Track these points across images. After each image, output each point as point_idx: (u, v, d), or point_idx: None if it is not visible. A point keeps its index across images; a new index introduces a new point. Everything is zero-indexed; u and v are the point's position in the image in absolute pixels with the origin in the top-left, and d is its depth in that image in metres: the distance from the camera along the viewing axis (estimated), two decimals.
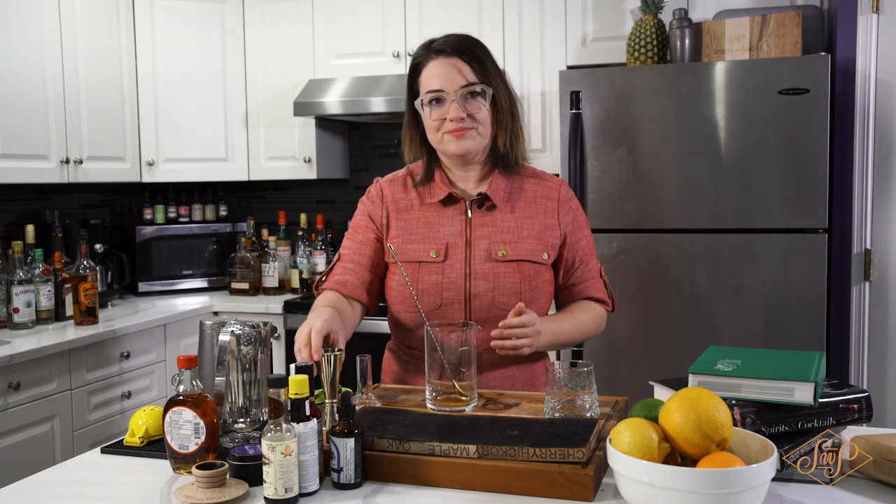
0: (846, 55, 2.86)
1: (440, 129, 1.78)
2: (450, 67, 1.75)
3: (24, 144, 3.11)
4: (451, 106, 1.74)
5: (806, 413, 1.40)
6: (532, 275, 1.79)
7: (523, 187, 1.85)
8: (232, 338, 1.52)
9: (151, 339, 3.32)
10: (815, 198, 2.77)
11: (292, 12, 3.81)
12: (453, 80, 1.75)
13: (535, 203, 1.84)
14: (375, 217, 1.89)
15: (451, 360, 1.63)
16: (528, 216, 1.83)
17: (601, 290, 1.90)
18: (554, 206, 1.85)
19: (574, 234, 1.86)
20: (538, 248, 1.80)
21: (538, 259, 1.80)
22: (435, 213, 1.84)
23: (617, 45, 3.27)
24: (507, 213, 1.82)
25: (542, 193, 1.85)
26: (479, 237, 1.80)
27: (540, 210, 1.83)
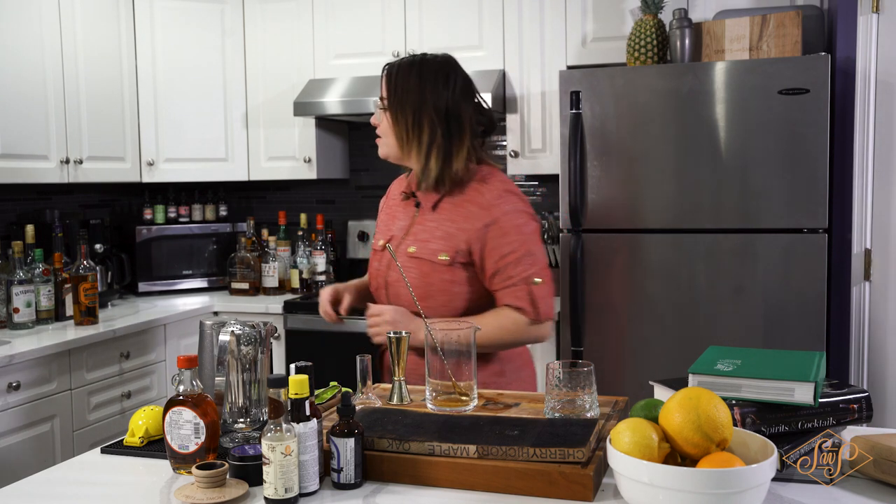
0: (846, 55, 2.86)
1: None
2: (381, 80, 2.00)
3: (24, 144, 3.11)
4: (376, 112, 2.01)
5: (806, 413, 1.40)
6: (428, 272, 1.92)
7: (462, 191, 1.95)
8: (232, 338, 1.52)
9: (151, 339, 3.32)
10: (815, 198, 2.77)
11: (292, 12, 3.81)
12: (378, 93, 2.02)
13: (460, 207, 1.94)
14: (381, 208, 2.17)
15: (450, 360, 1.64)
16: (447, 219, 1.94)
17: (520, 299, 1.89)
18: (476, 210, 1.92)
19: (493, 241, 1.90)
20: (440, 249, 1.92)
21: (435, 259, 1.92)
22: (398, 207, 2.06)
23: (617, 45, 3.27)
24: (428, 213, 1.97)
25: (470, 199, 1.94)
26: (413, 233, 1.98)
27: (460, 215, 1.93)
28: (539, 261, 1.93)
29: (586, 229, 3.00)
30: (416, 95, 1.93)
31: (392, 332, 1.74)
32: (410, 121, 1.93)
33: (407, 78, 1.95)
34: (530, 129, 3.51)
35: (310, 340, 3.47)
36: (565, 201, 3.00)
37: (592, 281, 3.00)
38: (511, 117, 3.53)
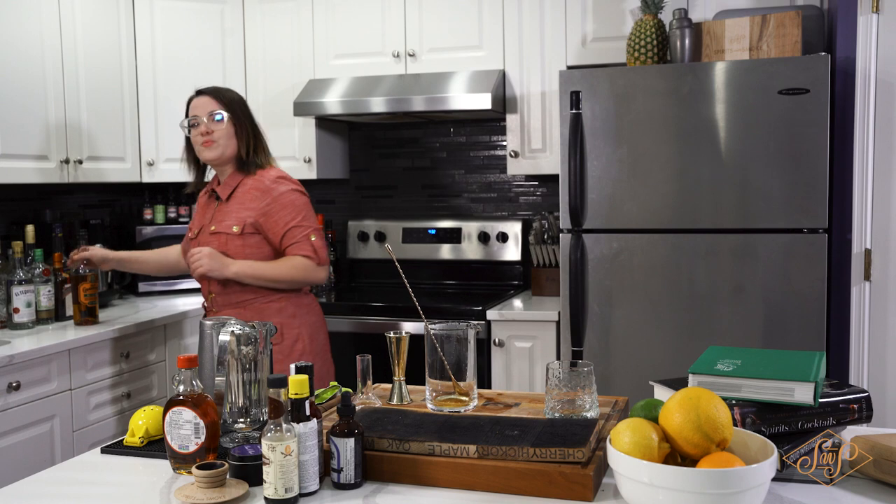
0: (846, 55, 2.86)
1: (197, 142, 2.61)
2: (202, 101, 2.61)
3: (24, 144, 3.11)
4: (202, 125, 2.58)
5: (806, 413, 1.40)
6: (226, 241, 2.56)
7: (247, 182, 2.61)
8: (232, 338, 1.52)
9: (151, 339, 3.32)
10: (815, 198, 2.77)
11: (292, 12, 3.81)
12: (203, 108, 2.59)
13: (245, 193, 2.59)
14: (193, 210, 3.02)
15: (451, 360, 1.64)
16: (237, 203, 2.59)
17: (305, 249, 2.56)
18: (257, 194, 2.57)
19: (275, 214, 2.55)
20: (232, 223, 2.57)
21: (229, 231, 2.57)
22: (199, 205, 2.75)
23: (617, 45, 3.27)
24: (228, 203, 2.61)
25: (254, 186, 2.59)
26: (212, 220, 2.62)
27: (248, 198, 2.58)
28: (309, 226, 2.60)
29: (586, 229, 3.00)
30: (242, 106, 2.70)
31: (392, 332, 1.75)
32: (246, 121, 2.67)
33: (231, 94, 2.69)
34: (530, 129, 3.51)
35: None
36: (565, 201, 3.00)
37: (592, 281, 3.00)
38: (511, 117, 3.53)
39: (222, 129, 2.58)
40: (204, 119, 2.58)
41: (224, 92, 2.66)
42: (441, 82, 3.50)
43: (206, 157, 2.61)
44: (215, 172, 2.70)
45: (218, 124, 2.58)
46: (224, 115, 2.59)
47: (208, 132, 2.57)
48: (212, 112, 2.58)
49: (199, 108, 2.60)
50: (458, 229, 3.87)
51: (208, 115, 2.57)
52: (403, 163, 4.11)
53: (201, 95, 2.63)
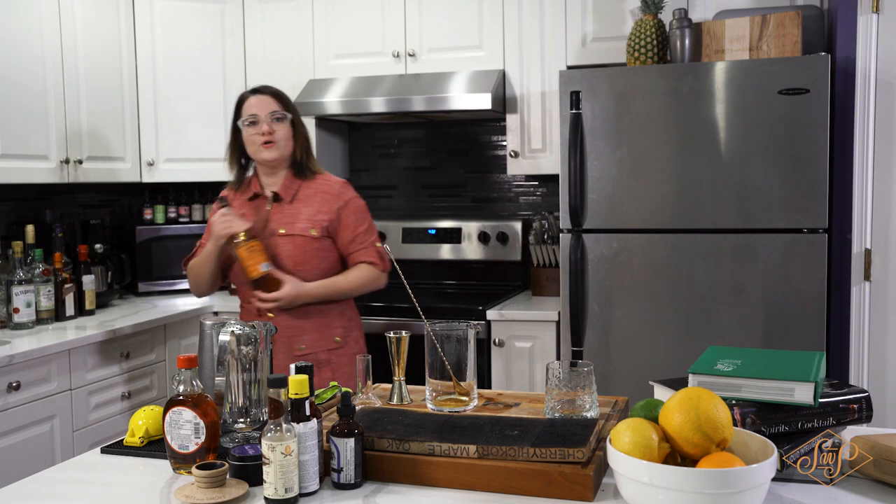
0: (846, 55, 2.86)
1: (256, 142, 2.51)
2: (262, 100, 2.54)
3: (24, 144, 3.11)
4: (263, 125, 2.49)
5: (806, 413, 1.40)
6: (302, 244, 2.48)
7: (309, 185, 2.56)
8: (232, 338, 1.52)
9: (151, 339, 3.32)
10: (815, 198, 2.77)
11: (292, 12, 3.81)
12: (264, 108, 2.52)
13: (312, 196, 2.55)
14: None
15: (451, 360, 1.64)
16: (306, 205, 2.53)
17: (371, 256, 2.55)
18: (328, 198, 2.55)
19: (346, 218, 2.54)
20: (308, 227, 2.50)
21: (307, 234, 2.50)
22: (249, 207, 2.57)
23: (617, 45, 3.27)
24: (287, 203, 2.54)
25: (321, 189, 2.56)
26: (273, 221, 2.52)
27: (317, 200, 2.54)
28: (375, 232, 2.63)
29: (586, 229, 3.00)
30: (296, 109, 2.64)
31: (392, 332, 1.74)
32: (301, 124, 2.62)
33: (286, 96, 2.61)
34: (530, 129, 3.51)
35: None
36: (565, 201, 3.00)
37: (592, 281, 3.00)
38: (511, 117, 3.53)
39: (284, 130, 2.54)
40: (265, 118, 2.51)
41: (282, 93, 2.61)
42: (441, 82, 3.50)
43: (264, 158, 2.53)
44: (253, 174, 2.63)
45: (280, 124, 2.53)
46: (287, 115, 2.54)
47: (270, 132, 2.51)
48: (273, 112, 2.52)
49: (259, 108, 2.53)
50: (458, 229, 3.87)
51: (269, 114, 2.52)
52: (403, 163, 4.11)
53: (259, 94, 2.57)
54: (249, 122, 2.53)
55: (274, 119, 2.52)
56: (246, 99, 2.58)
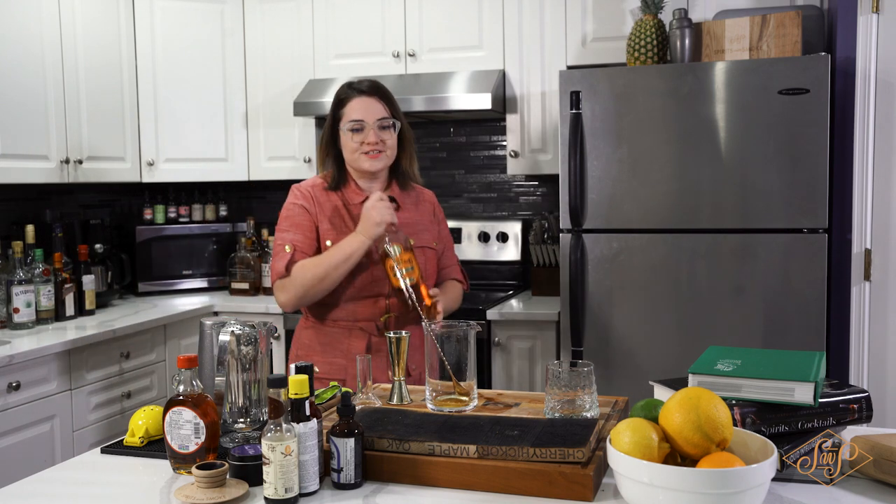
0: (846, 55, 2.86)
1: (357, 150, 2.22)
2: (370, 103, 2.23)
3: (24, 144, 3.11)
4: (369, 133, 2.21)
5: (806, 413, 1.40)
6: (430, 258, 2.30)
7: (411, 193, 2.36)
8: (232, 338, 1.52)
9: (151, 339, 3.32)
10: (815, 198, 2.77)
11: (292, 12, 3.81)
12: (372, 114, 2.22)
13: (421, 204, 2.37)
14: (311, 212, 2.27)
15: (451, 360, 1.64)
16: (421, 213, 2.35)
17: (460, 274, 2.44)
18: (431, 207, 2.40)
19: (444, 230, 2.40)
20: (430, 238, 2.33)
21: (431, 245, 2.32)
22: (358, 211, 2.23)
23: (617, 45, 3.27)
24: (406, 211, 2.30)
25: (424, 198, 2.39)
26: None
27: (426, 209, 2.37)
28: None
29: (586, 229, 3.00)
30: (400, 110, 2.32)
31: (392, 333, 1.75)
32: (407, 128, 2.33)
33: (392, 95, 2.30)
34: (530, 129, 3.51)
35: None
36: (565, 201, 3.00)
37: (592, 281, 3.00)
38: (511, 117, 3.53)
39: (393, 139, 2.25)
40: (371, 125, 2.21)
41: (390, 94, 2.29)
42: (441, 82, 3.50)
43: (367, 168, 2.22)
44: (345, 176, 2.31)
45: (388, 133, 2.24)
46: (396, 123, 2.26)
47: (377, 142, 2.21)
48: (382, 119, 2.23)
49: (365, 112, 2.21)
50: (459, 229, 3.87)
51: (378, 121, 2.22)
52: None
53: (365, 97, 2.24)
54: (353, 129, 2.22)
55: (382, 127, 2.23)
56: (349, 99, 2.25)
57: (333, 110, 2.27)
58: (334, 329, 2.22)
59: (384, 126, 2.23)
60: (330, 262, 2.14)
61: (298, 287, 2.16)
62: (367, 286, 2.18)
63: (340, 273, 2.13)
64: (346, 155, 2.26)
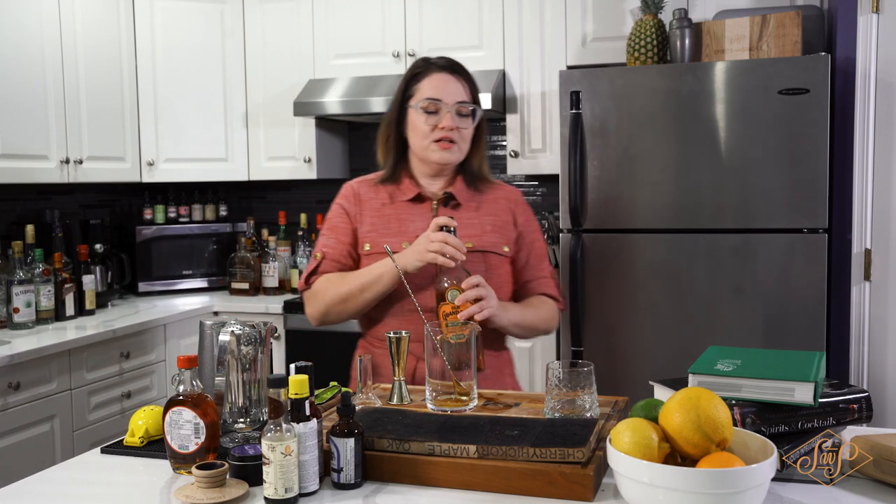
0: (846, 55, 2.86)
1: (428, 136, 1.92)
2: (450, 82, 1.93)
3: (24, 144, 3.11)
4: (445, 116, 1.90)
5: (806, 413, 1.40)
6: (497, 265, 1.95)
7: (483, 190, 2.03)
8: (232, 338, 1.52)
9: (151, 339, 3.32)
10: (815, 198, 2.77)
11: (292, 12, 3.81)
12: (451, 94, 1.92)
13: (495, 203, 2.01)
14: (351, 213, 2.03)
15: (451, 360, 1.64)
16: (490, 214, 1.99)
17: (553, 289, 2.04)
18: (512, 206, 2.03)
19: (529, 234, 2.03)
20: (500, 242, 1.97)
21: (500, 251, 1.97)
22: (406, 210, 1.98)
23: (617, 45, 3.27)
24: (471, 211, 1.98)
25: (500, 195, 2.04)
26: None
27: (500, 209, 2.01)
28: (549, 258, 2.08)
29: (586, 229, 3.00)
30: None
31: (392, 332, 1.74)
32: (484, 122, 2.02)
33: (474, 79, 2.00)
34: (530, 129, 3.51)
35: (310, 340, 3.47)
36: (565, 201, 2.99)
37: (592, 281, 3.00)
38: (511, 117, 3.53)
39: (471, 130, 1.95)
40: (450, 108, 1.90)
41: (473, 77, 1.98)
42: None
43: (436, 160, 1.92)
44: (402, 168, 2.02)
45: (467, 122, 1.93)
46: (478, 110, 1.95)
47: (454, 128, 1.90)
48: (463, 103, 1.91)
49: (445, 91, 1.90)
50: None
51: (457, 104, 1.90)
52: None
53: (447, 73, 1.92)
54: (427, 109, 1.90)
55: (459, 113, 1.91)
56: (426, 74, 1.93)
57: (404, 87, 1.96)
58: (379, 350, 1.92)
59: (463, 113, 1.91)
60: (356, 282, 1.88)
61: (320, 303, 1.94)
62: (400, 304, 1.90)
63: (367, 297, 1.87)
64: (414, 140, 1.94)
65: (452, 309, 1.75)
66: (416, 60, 1.99)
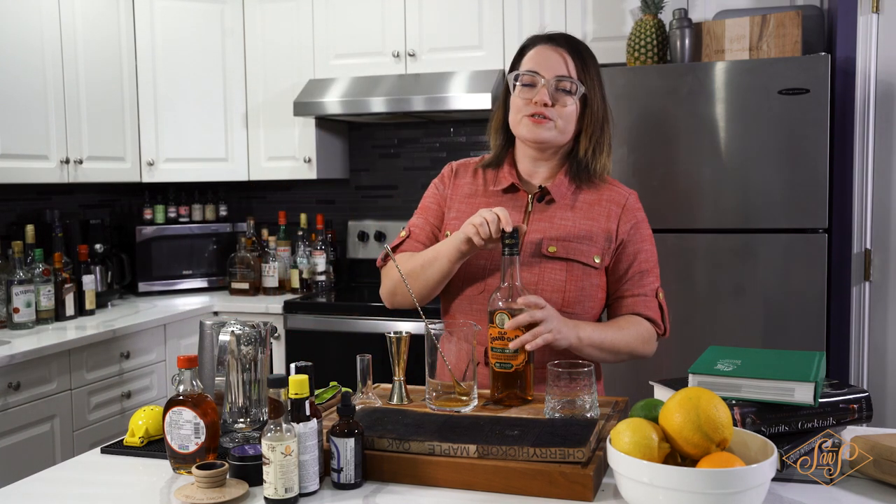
0: (846, 55, 2.86)
1: (522, 110, 1.77)
2: (551, 55, 1.76)
3: (24, 144, 3.12)
4: (541, 90, 1.74)
5: (806, 413, 1.40)
6: (580, 276, 1.76)
7: (588, 188, 1.82)
8: (232, 338, 1.52)
9: (151, 339, 3.32)
10: (815, 198, 2.77)
11: (292, 12, 3.81)
12: (551, 67, 1.75)
13: (597, 206, 1.81)
14: (443, 197, 1.91)
15: (451, 360, 1.63)
16: (587, 217, 1.79)
17: (653, 310, 1.82)
18: (617, 211, 1.81)
19: (633, 245, 1.82)
20: (591, 251, 1.77)
21: (589, 261, 1.77)
22: (497, 200, 1.82)
23: (617, 45, 3.27)
24: (567, 211, 1.80)
25: (606, 197, 1.82)
26: (533, 230, 1.78)
27: (602, 213, 1.80)
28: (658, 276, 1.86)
29: None
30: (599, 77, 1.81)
31: (392, 332, 1.74)
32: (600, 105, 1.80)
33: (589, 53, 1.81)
34: None
35: (310, 340, 3.47)
36: None
37: None
38: None
39: (572, 109, 1.76)
40: (548, 81, 1.75)
41: (585, 52, 1.80)
42: (441, 82, 3.50)
43: (525, 135, 1.77)
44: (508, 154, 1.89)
45: (568, 98, 1.75)
46: (580, 87, 1.76)
47: (548, 104, 1.74)
48: (562, 78, 1.75)
49: (545, 64, 1.75)
50: None
51: (556, 78, 1.74)
52: (403, 163, 4.11)
53: (551, 45, 1.77)
54: (523, 82, 1.77)
55: (560, 89, 1.75)
56: (530, 47, 1.81)
57: (513, 64, 1.84)
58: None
59: (563, 89, 1.74)
60: (421, 259, 1.77)
61: (388, 280, 1.84)
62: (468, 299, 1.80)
63: (429, 275, 1.74)
64: (511, 116, 1.80)
65: (499, 334, 1.61)
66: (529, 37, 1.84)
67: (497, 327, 1.62)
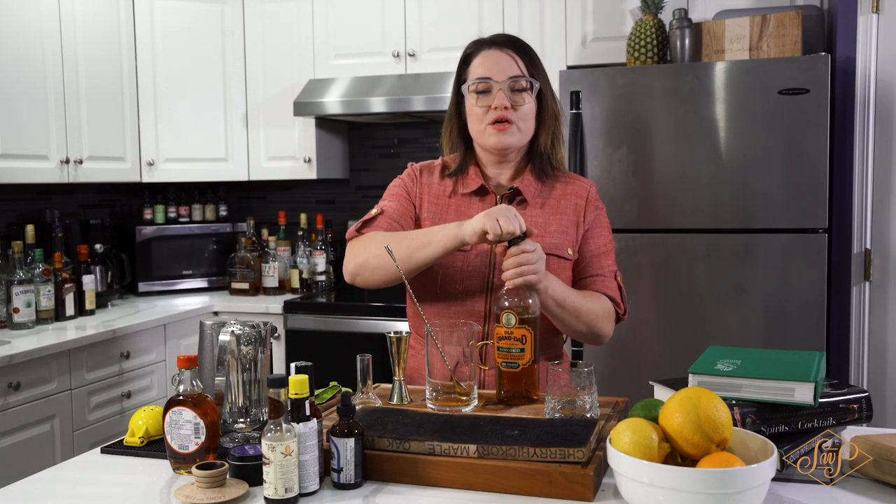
0: (846, 55, 2.86)
1: (483, 119, 1.78)
2: (500, 57, 1.78)
3: (24, 144, 3.12)
4: (497, 94, 1.76)
5: (806, 413, 1.40)
6: (557, 269, 1.78)
7: (554, 185, 1.87)
8: (232, 338, 1.52)
9: (151, 339, 3.32)
10: (815, 198, 2.77)
11: (292, 12, 3.81)
12: (502, 70, 1.77)
13: (564, 200, 1.85)
14: (412, 192, 1.90)
15: (451, 360, 1.63)
16: (557, 212, 1.84)
17: (613, 290, 1.85)
18: (582, 203, 1.86)
19: (593, 230, 1.87)
20: (563, 244, 1.82)
21: (563, 254, 1.82)
22: (466, 203, 1.85)
23: (617, 45, 3.27)
24: (537, 208, 1.84)
25: (571, 191, 1.87)
26: None
27: (570, 206, 1.85)
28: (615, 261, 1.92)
29: None
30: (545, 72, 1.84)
31: (392, 332, 1.74)
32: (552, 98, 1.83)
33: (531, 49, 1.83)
34: None
35: (310, 340, 3.47)
36: None
37: None
38: None
39: (531, 107, 1.79)
40: (502, 85, 1.76)
41: (530, 50, 1.82)
42: (441, 82, 3.50)
43: (493, 144, 1.78)
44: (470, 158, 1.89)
45: (524, 97, 1.77)
46: (535, 83, 1.78)
47: (508, 107, 1.75)
48: (516, 78, 1.76)
49: (494, 68, 1.76)
50: None
51: (510, 80, 1.76)
52: (403, 163, 4.08)
53: (496, 49, 1.78)
54: (477, 90, 1.78)
55: (515, 89, 1.77)
56: (475, 54, 1.81)
57: (458, 73, 1.85)
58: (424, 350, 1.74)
59: (519, 88, 1.77)
60: (409, 240, 1.70)
61: (360, 252, 1.75)
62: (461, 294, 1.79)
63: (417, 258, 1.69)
64: (472, 127, 1.82)
65: (505, 333, 1.62)
66: (469, 43, 1.85)
67: (503, 327, 1.63)
